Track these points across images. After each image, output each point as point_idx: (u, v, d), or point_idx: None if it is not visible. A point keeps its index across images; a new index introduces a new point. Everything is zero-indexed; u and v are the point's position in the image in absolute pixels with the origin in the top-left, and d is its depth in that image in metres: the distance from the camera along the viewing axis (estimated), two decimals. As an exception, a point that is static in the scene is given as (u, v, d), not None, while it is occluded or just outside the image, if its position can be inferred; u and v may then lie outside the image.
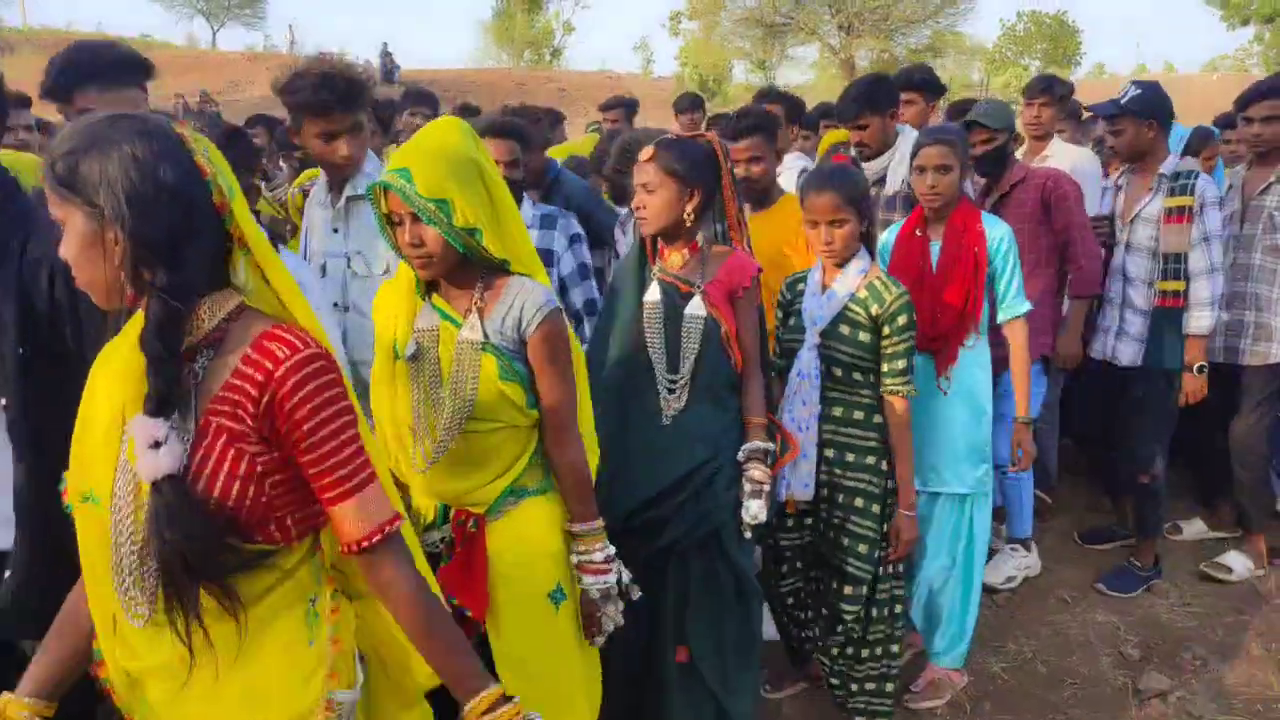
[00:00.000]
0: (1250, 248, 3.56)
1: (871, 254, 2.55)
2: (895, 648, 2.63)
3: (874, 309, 2.44)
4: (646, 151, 2.25)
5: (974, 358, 2.81)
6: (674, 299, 2.26)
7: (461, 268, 1.82)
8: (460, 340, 1.82)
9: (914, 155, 2.84)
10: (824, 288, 2.53)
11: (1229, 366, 3.60)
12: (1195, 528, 4.06)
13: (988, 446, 2.83)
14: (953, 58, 35.84)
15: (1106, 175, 3.99)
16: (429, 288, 1.90)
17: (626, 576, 1.98)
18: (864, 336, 2.46)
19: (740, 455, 2.26)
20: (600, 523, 1.94)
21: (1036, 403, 3.30)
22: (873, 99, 3.53)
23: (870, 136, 3.55)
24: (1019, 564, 3.66)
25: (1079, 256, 3.46)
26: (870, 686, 2.63)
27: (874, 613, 2.58)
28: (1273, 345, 3.53)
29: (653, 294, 2.28)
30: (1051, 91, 4.25)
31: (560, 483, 1.93)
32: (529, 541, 1.90)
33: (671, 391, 2.25)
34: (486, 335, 1.82)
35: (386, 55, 26.42)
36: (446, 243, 1.75)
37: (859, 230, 2.46)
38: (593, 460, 2.01)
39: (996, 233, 2.80)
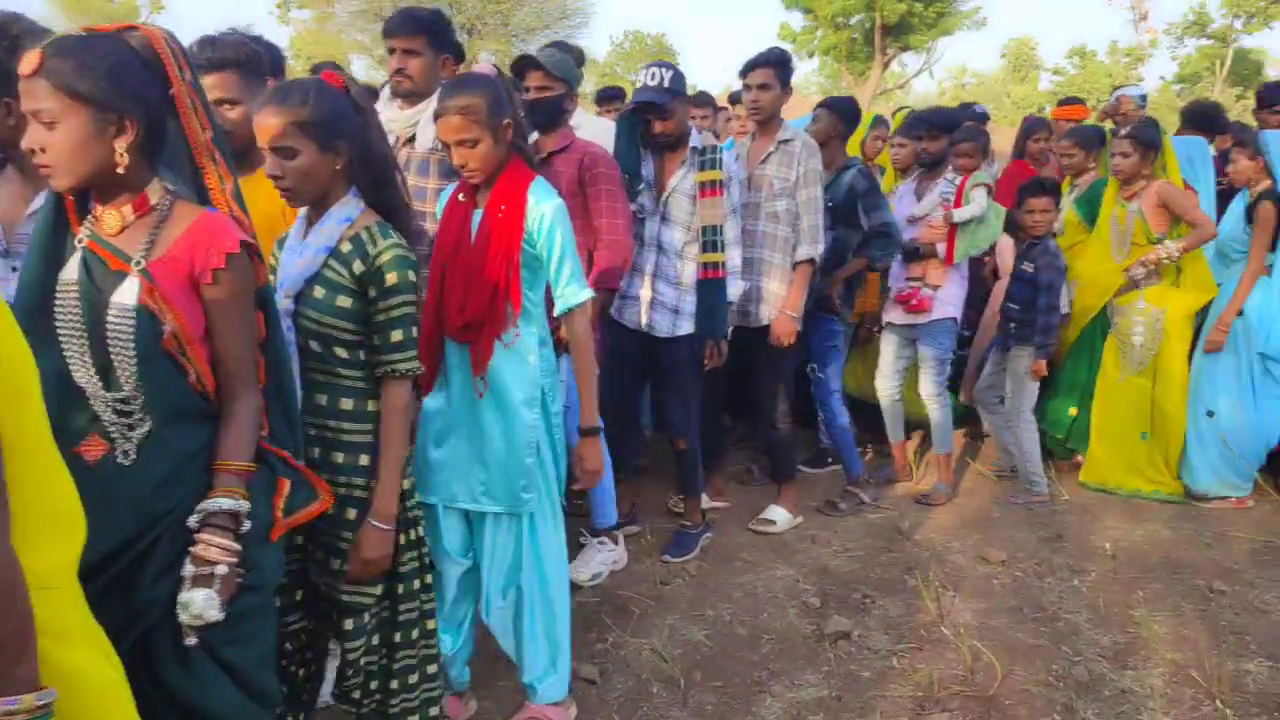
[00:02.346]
0: (756, 215, 3.75)
1: (387, 210, 2.01)
2: (432, 668, 2.20)
3: (356, 266, 1.90)
4: (30, 60, 1.47)
5: (516, 355, 2.33)
6: (100, 281, 1.55)
7: None
8: None
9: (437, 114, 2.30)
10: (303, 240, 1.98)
11: (747, 330, 3.79)
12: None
13: (531, 457, 2.34)
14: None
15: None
16: None
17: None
18: (345, 301, 1.91)
19: (191, 521, 1.54)
20: None
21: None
22: (424, 25, 2.98)
23: (415, 70, 2.98)
24: (605, 558, 3.52)
25: (601, 246, 3.23)
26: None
27: (398, 637, 2.11)
28: (767, 308, 3.77)
29: (70, 272, 1.57)
30: None
31: None
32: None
33: (123, 416, 1.54)
34: None
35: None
36: None
37: (322, 165, 1.89)
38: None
39: (541, 207, 2.27)
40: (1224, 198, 4.53)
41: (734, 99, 5.66)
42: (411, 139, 3.01)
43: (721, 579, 3.55)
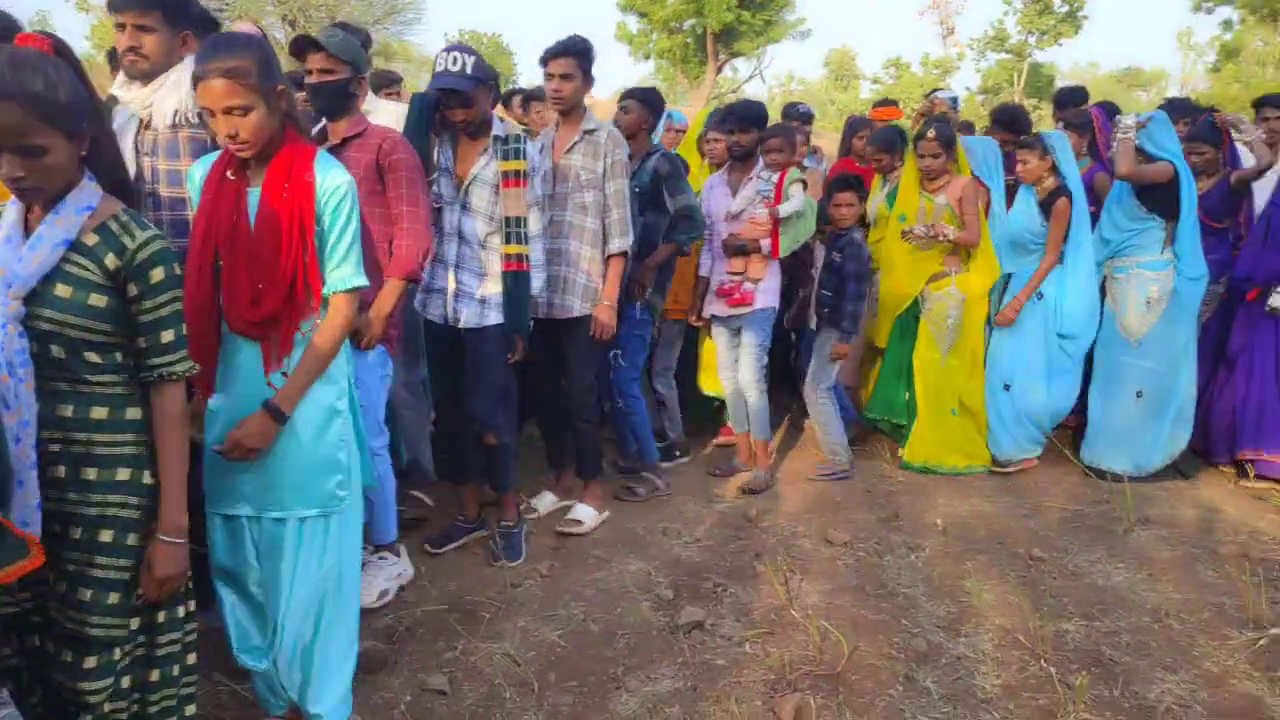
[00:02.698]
0: (564, 206, 3.72)
1: (122, 194, 1.82)
2: (191, 709, 1.99)
3: (110, 261, 1.72)
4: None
5: None
6: None
7: None
8: None
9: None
10: (27, 233, 1.73)
11: (556, 322, 3.77)
12: (546, 500, 4.12)
13: (342, 451, 2.21)
14: (402, 65, 36.42)
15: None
16: None
17: None
18: (99, 300, 1.71)
19: None
20: None
21: (380, 390, 3.14)
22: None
23: (151, 48, 2.63)
24: (390, 574, 3.26)
25: (401, 235, 3.03)
26: None
27: (155, 675, 1.90)
28: (575, 299, 3.73)
29: None
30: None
31: None
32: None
33: None
34: None
35: None
36: None
37: (71, 155, 1.69)
38: None
39: (333, 181, 2.10)
40: (1011, 192, 4.87)
41: (533, 95, 5.64)
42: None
43: (574, 577, 3.49)
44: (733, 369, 4.49)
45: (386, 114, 3.70)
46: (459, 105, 3.28)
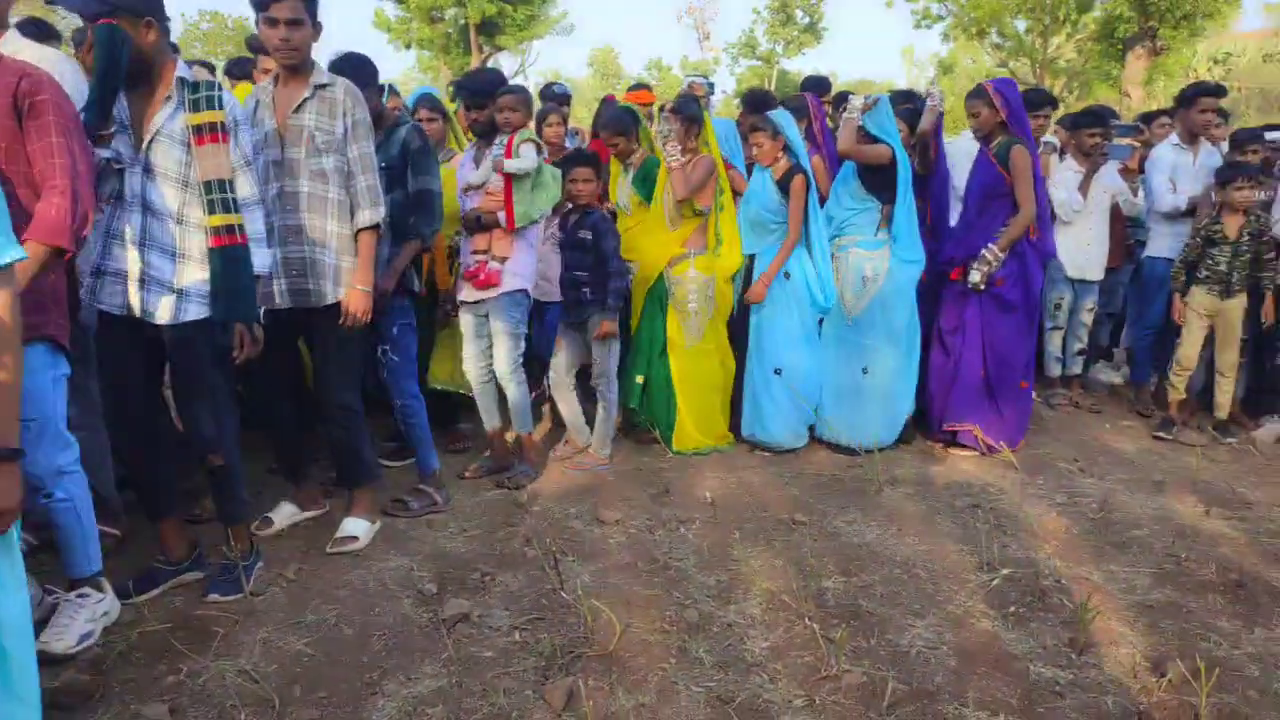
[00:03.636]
0: (297, 174, 3.18)
1: None
2: None
3: None
4: None
5: None
6: None
7: None
8: None
9: None
10: None
11: (301, 312, 3.25)
12: (284, 512, 3.63)
13: None
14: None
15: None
16: None
17: None
18: None
19: None
20: None
21: (56, 395, 2.56)
22: None
23: None
24: (94, 612, 2.71)
25: (51, 192, 2.40)
26: None
27: None
28: (325, 284, 3.23)
29: None
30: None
31: None
32: None
33: None
34: None
35: None
36: None
37: None
38: None
39: None
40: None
41: (251, 43, 5.09)
42: None
43: (325, 579, 3.17)
44: (479, 359, 4.14)
45: (54, 65, 2.91)
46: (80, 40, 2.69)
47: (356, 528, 3.45)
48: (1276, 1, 34.96)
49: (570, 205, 4.29)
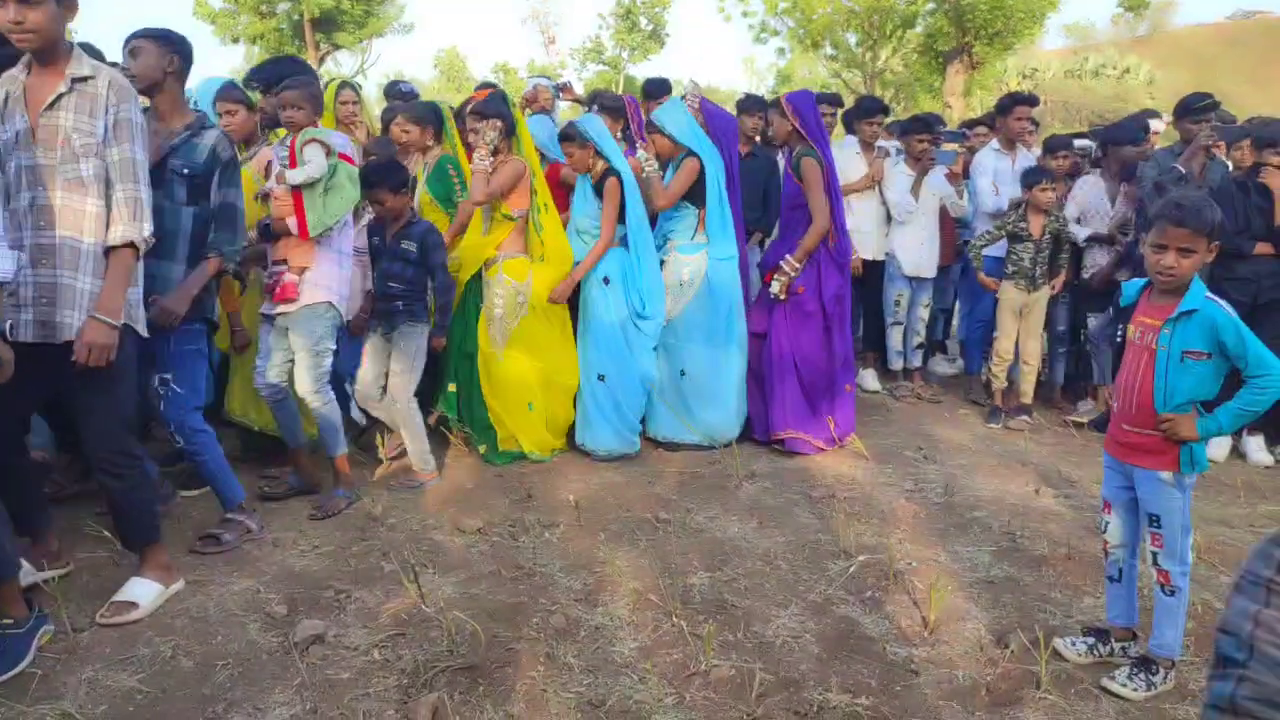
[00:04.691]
0: (49, 183, 2.69)
1: None
2: None
3: None
4: None
5: None
6: None
7: None
8: None
9: None
10: None
11: (48, 348, 2.68)
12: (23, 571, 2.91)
13: None
14: None
15: None
16: None
17: None
18: None
19: None
20: None
21: None
22: None
23: None
24: None
25: None
26: None
27: None
28: (73, 314, 2.69)
29: None
30: None
31: None
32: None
33: None
34: None
35: None
36: None
37: None
38: None
39: None
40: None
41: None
42: None
43: (160, 609, 2.92)
44: (273, 373, 3.74)
45: None
46: None
47: (141, 592, 2.90)
48: (1074, 23, 38.41)
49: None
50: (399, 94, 5.80)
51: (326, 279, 3.73)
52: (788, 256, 4.65)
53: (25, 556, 2.93)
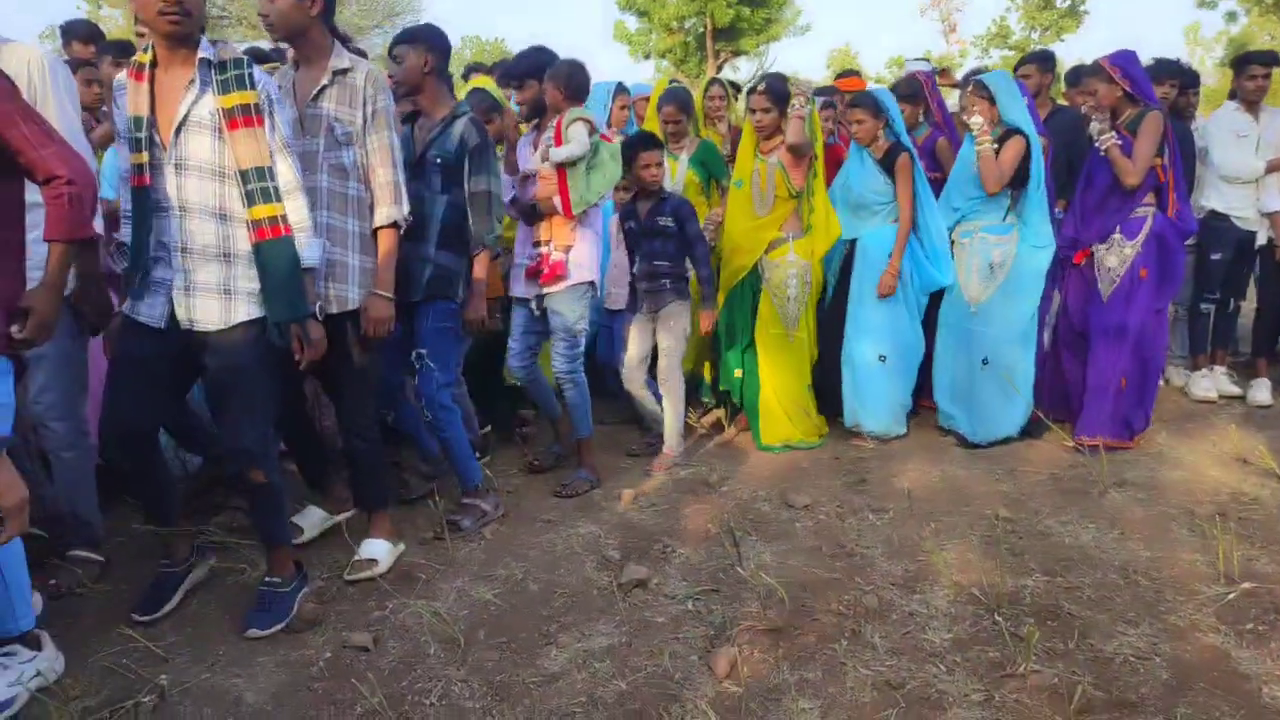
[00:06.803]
0: (315, 168, 2.87)
1: None
2: None
3: None
4: None
5: None
6: None
7: None
8: None
9: None
10: None
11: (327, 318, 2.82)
12: (313, 518, 3.39)
13: None
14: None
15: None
16: None
17: None
18: None
19: None
20: None
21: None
22: None
23: None
24: (20, 674, 2.34)
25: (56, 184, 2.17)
26: None
27: None
28: (349, 288, 2.92)
29: None
30: None
31: None
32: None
33: None
34: None
35: None
36: None
37: None
38: None
39: None
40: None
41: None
42: None
43: (520, 539, 3.37)
44: (523, 356, 3.86)
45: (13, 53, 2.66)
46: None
47: (377, 550, 3.12)
48: None
49: (635, 192, 4.09)
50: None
51: (587, 258, 3.79)
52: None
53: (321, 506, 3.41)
